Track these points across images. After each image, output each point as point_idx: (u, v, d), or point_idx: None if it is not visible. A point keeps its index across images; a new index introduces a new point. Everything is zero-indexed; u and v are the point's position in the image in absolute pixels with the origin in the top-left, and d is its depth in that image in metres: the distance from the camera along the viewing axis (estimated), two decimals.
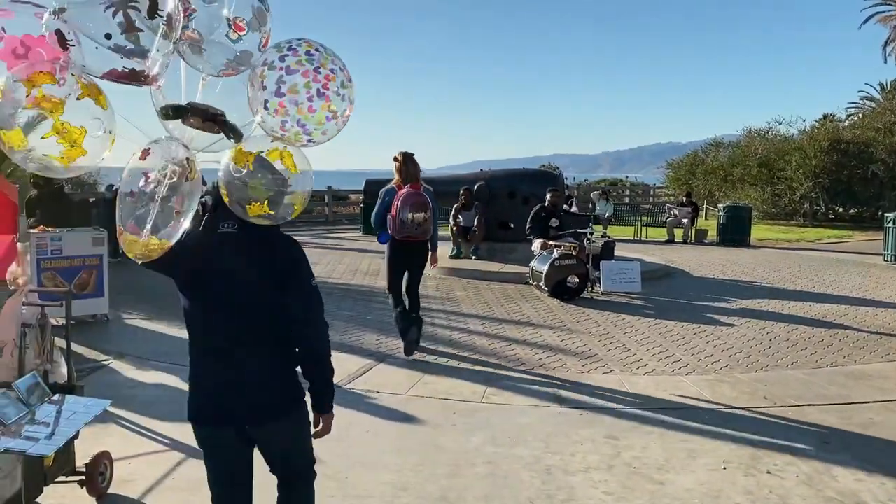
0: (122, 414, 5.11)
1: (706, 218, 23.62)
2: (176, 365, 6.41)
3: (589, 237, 10.47)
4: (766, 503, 3.96)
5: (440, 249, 13.45)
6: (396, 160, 6.54)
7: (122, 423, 5.00)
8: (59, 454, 3.45)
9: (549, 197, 10.89)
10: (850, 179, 24.94)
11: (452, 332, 7.88)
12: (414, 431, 4.97)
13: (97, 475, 3.84)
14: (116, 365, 6.48)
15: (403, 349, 6.72)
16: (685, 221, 18.32)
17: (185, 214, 2.23)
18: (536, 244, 10.59)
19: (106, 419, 4.74)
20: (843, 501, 3.96)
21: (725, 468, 4.39)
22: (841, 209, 26.95)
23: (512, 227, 13.03)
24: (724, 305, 9.59)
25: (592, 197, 12.01)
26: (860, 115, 33.13)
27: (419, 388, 5.87)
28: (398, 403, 5.49)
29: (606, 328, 8.16)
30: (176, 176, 2.19)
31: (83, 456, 3.87)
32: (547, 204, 10.85)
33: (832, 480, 4.23)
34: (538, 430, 4.98)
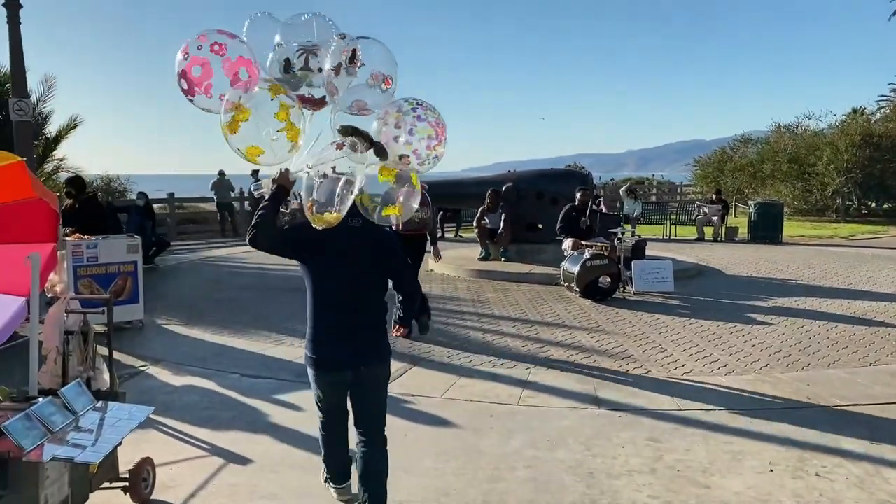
0: (161, 420, 5.13)
1: (735, 215, 23.30)
2: (211, 370, 6.45)
3: (620, 237, 10.36)
4: None
5: (468, 251, 13.59)
6: None
7: (161, 428, 5.02)
8: (103, 461, 3.46)
9: (579, 196, 10.79)
10: (882, 174, 24.53)
11: (485, 334, 7.83)
12: (452, 435, 4.92)
13: (140, 481, 3.85)
14: (153, 370, 6.52)
15: (419, 328, 7.58)
16: (715, 219, 18.10)
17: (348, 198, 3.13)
18: (567, 244, 10.51)
19: (146, 425, 4.74)
20: None
21: (772, 471, 4.28)
22: (874, 204, 26.49)
23: (541, 227, 12.92)
24: (759, 304, 9.43)
25: (621, 193, 11.95)
26: (891, 108, 32.49)
27: (455, 390, 5.83)
28: (435, 407, 5.46)
29: (641, 328, 8.06)
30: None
31: (126, 462, 3.88)
32: (577, 203, 10.76)
33: (884, 483, 4.11)
34: (578, 432, 4.91)
